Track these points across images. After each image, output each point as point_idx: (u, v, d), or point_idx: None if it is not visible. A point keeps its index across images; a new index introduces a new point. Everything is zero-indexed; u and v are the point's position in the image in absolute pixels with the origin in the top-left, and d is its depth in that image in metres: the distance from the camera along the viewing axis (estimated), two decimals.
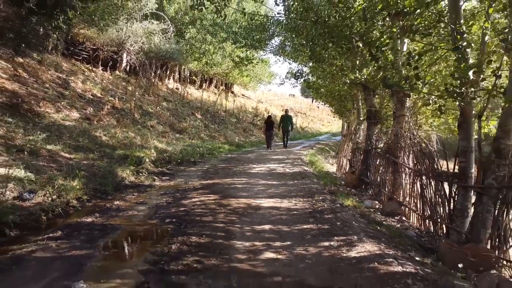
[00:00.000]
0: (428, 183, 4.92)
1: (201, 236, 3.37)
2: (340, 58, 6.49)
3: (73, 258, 2.81)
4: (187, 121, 15.68)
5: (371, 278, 2.58)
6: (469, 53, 4.20)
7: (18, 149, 5.64)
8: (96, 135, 8.81)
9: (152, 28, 16.15)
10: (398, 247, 3.47)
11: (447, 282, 2.63)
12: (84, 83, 12.59)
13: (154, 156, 8.33)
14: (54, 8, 5.87)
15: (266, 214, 4.36)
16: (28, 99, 8.76)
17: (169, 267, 2.66)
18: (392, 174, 5.94)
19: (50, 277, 2.44)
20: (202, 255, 2.92)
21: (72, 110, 9.90)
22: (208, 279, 2.48)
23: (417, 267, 2.85)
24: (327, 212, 4.45)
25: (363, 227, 3.96)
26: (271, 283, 2.50)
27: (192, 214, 4.22)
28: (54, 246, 3.05)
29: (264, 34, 13.25)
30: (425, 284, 2.48)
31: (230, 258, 2.90)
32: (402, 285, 2.46)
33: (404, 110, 5.57)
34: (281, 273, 2.67)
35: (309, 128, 29.46)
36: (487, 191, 3.95)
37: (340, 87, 8.94)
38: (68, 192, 4.69)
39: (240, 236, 3.49)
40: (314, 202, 4.99)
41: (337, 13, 5.57)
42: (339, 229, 3.77)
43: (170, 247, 3.06)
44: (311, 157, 10.59)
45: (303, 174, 7.53)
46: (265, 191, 5.75)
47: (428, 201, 4.95)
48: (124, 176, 6.38)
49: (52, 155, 6.16)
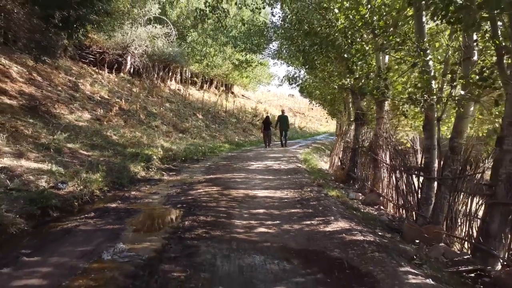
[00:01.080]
0: (401, 176, 5.77)
1: (207, 216, 4.22)
2: (330, 66, 7.31)
3: (109, 230, 3.66)
4: (189, 121, 16.53)
5: (337, 243, 3.43)
6: (431, 66, 5.05)
7: (45, 147, 6.49)
8: (107, 134, 9.65)
9: (156, 32, 16.97)
10: (367, 226, 4.32)
11: (395, 246, 3.48)
12: (92, 85, 13.44)
13: (161, 154, 9.18)
14: (75, 23, 6.71)
15: (261, 201, 5.21)
16: (45, 101, 9.61)
17: (184, 235, 3.50)
18: (373, 169, 6.79)
19: (97, 242, 3.28)
20: (209, 228, 3.77)
21: (83, 111, 10.75)
22: (215, 243, 3.33)
23: (376, 238, 3.70)
24: (313, 200, 5.30)
25: (341, 211, 4.81)
26: (262, 247, 3.34)
27: (198, 201, 5.07)
28: (92, 223, 3.90)
29: (262, 38, 14.07)
30: (377, 247, 3.33)
31: (231, 231, 3.74)
32: (360, 248, 3.31)
33: (382, 113, 6.41)
34: (270, 241, 3.51)
35: (307, 128, 30.29)
36: (444, 181, 4.80)
37: (331, 91, 9.78)
38: (92, 183, 5.52)
39: (239, 216, 4.34)
40: (302, 192, 5.85)
41: (324, 28, 6.41)
42: (320, 212, 4.62)
43: (183, 223, 3.91)
44: (305, 156, 11.44)
45: (297, 170, 8.38)
46: (261, 184, 6.60)
47: (401, 192, 5.80)
48: (136, 171, 7.22)
49: (73, 153, 7.02)
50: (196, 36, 19.32)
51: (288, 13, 8.46)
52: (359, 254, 3.16)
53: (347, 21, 5.33)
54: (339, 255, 3.15)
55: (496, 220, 3.74)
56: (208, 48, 19.63)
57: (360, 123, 8.09)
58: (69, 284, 2.43)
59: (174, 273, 2.63)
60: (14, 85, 9.56)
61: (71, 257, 2.88)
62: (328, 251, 3.24)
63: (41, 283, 2.42)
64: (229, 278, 2.63)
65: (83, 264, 2.75)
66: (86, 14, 6.82)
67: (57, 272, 2.60)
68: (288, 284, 2.59)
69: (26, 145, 6.23)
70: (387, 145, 6.16)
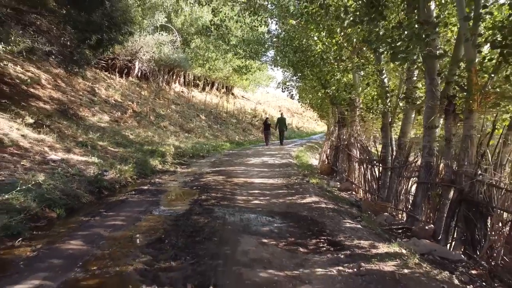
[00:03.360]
0: (367, 167, 7.48)
1: (217, 193, 5.93)
2: (313, 78, 8.99)
3: (150, 200, 5.36)
4: (193, 122, 18.24)
5: (307, 208, 5.14)
6: (386, 82, 6.75)
7: (84, 144, 8.18)
8: (126, 134, 11.35)
9: (162, 39, 18.67)
10: (333, 201, 6.02)
11: (346, 211, 5.19)
12: (107, 89, 15.16)
13: (173, 151, 10.88)
14: (107, 44, 8.41)
15: (256, 186, 6.91)
16: (71, 105, 11.32)
17: (202, 203, 5.21)
18: (348, 163, 8.50)
19: (145, 206, 4.98)
20: (219, 200, 5.47)
21: (103, 114, 12.46)
22: (224, 208, 5.03)
23: (335, 206, 5.41)
24: (296, 185, 7.01)
25: (316, 192, 6.51)
26: (255, 210, 5.04)
27: (209, 185, 6.77)
28: (136, 197, 5.60)
29: (260, 47, 15.75)
30: (333, 211, 5.03)
31: (234, 202, 5.44)
32: (321, 210, 5.01)
33: (354, 118, 8.11)
34: (261, 207, 5.21)
35: (304, 127, 31.98)
36: (394, 170, 6.51)
37: (319, 96, 11.47)
38: (125, 172, 7.21)
39: (240, 194, 6.04)
40: (290, 180, 7.55)
41: (306, 50, 8.11)
42: (300, 192, 6.33)
43: (200, 197, 5.62)
44: (298, 153, 13.14)
45: (288, 164, 10.09)
46: (257, 174, 8.30)
47: (367, 179, 7.51)
48: (155, 165, 8.91)
49: (104, 149, 8.72)
50: (199, 42, 21.01)
51: (281, 32, 10.15)
52: (319, 214, 4.87)
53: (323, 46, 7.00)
54: (306, 214, 4.86)
55: (419, 194, 5.45)
56: (210, 53, 21.31)
57: (341, 125, 9.79)
58: (140, 223, 4.13)
59: (200, 219, 4.33)
60: (45, 91, 11.28)
61: (133, 213, 4.58)
62: (299, 212, 4.95)
63: (123, 223, 4.11)
64: (234, 223, 4.32)
65: (143, 216, 4.45)
66: (115, 36, 8.52)
67: (129, 219, 4.30)
68: (270, 227, 4.28)
69: (69, 142, 7.93)
70: (357, 143, 7.87)
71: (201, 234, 3.76)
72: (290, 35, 9.65)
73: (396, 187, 6.39)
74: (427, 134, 5.37)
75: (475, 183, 4.21)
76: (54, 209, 4.43)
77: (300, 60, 8.77)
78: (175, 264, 2.91)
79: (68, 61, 9.42)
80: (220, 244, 3.50)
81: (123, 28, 8.69)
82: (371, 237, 3.95)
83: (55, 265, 2.88)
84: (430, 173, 5.22)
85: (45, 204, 4.37)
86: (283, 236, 3.90)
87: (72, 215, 4.50)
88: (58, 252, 3.17)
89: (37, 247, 3.26)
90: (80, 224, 4.08)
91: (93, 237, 3.58)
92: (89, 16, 8.09)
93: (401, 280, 2.81)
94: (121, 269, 2.83)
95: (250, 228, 4.14)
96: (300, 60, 8.75)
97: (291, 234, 3.97)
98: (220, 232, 3.88)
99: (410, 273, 2.94)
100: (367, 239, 3.85)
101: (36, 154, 6.47)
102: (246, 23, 10.60)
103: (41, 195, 4.48)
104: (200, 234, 3.76)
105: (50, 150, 7.05)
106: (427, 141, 5.36)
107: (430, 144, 5.30)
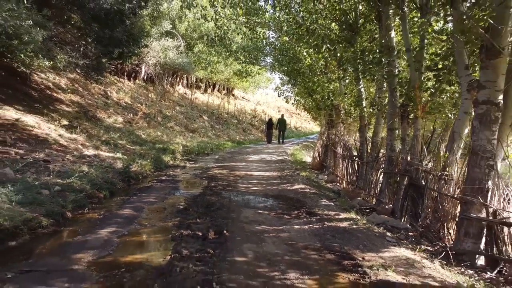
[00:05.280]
0: (348, 162, 8.99)
1: (223, 182, 7.44)
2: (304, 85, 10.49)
3: (171, 186, 6.86)
4: (197, 122, 19.74)
5: (294, 192, 6.65)
6: (363, 92, 8.26)
7: (107, 143, 9.69)
8: (139, 134, 12.85)
9: (167, 45, 20.16)
10: (316, 188, 7.52)
11: (325, 194, 6.70)
12: (118, 93, 16.66)
13: (181, 149, 12.38)
14: (127, 55, 9.91)
15: (255, 177, 8.42)
16: (90, 108, 12.82)
17: (212, 188, 6.71)
18: (334, 159, 10.01)
19: (168, 190, 6.48)
20: (225, 186, 6.98)
21: (117, 115, 13.96)
22: (229, 192, 6.53)
23: (317, 191, 6.92)
24: (288, 176, 8.52)
25: (304, 181, 8.01)
26: (254, 193, 6.54)
27: (215, 176, 8.27)
28: (159, 184, 7.10)
29: (259, 53, 17.24)
30: (314, 194, 6.53)
31: (237, 188, 6.95)
32: (304, 193, 6.52)
33: (339, 120, 9.62)
34: (258, 192, 6.72)
35: (302, 127, 33.49)
36: (368, 164, 8.01)
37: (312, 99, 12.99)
38: (144, 166, 8.71)
39: (241, 183, 7.54)
40: (283, 173, 9.07)
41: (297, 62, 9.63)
42: (290, 182, 7.83)
43: (210, 184, 7.12)
44: (293, 151, 14.65)
45: (283, 161, 11.60)
46: (256, 169, 9.81)
47: (348, 172, 9.01)
48: (167, 160, 10.41)
49: (123, 146, 10.21)
50: (202, 47, 22.51)
51: (277, 44, 11.67)
52: (303, 196, 6.38)
53: (311, 60, 8.49)
54: (293, 196, 6.36)
55: (384, 182, 6.96)
56: (212, 57, 22.81)
57: (330, 126, 11.30)
58: (167, 200, 5.63)
59: (212, 198, 5.83)
60: (66, 96, 12.78)
61: (160, 194, 6.08)
62: (288, 195, 6.45)
63: (155, 200, 5.62)
64: (237, 201, 5.82)
65: (168, 196, 5.96)
66: (134, 49, 10.03)
67: (158, 198, 5.80)
68: (265, 204, 5.78)
69: (96, 141, 9.43)
70: (340, 142, 9.37)
71: (214, 206, 5.26)
72: (285, 46, 11.16)
73: (369, 177, 7.90)
74: (389, 134, 6.89)
75: (418, 171, 5.71)
76: (101, 191, 5.93)
77: (293, 69, 10.28)
78: (199, 221, 4.42)
79: (91, 69, 10.92)
80: (228, 212, 5.01)
81: (140, 42, 10.20)
82: (338, 210, 5.46)
83: (119, 222, 4.38)
84: (391, 164, 6.72)
85: (95, 188, 5.88)
86: (274, 209, 5.41)
87: (114, 196, 6.01)
88: (117, 215, 4.68)
89: (101, 213, 4.76)
90: (124, 201, 5.59)
91: (137, 208, 5.09)
92: (112, 32, 9.60)
93: (349, 231, 4.31)
94: (164, 223, 4.34)
95: (250, 204, 5.64)
96: (293, 69, 10.25)
97: (280, 208, 5.48)
98: (227, 206, 5.38)
99: (356, 228, 4.45)
100: (335, 211, 5.36)
101: (74, 150, 7.98)
102: (246, 35, 12.11)
103: (91, 180, 5.99)
104: (213, 206, 5.26)
105: (83, 147, 8.56)
106: (389, 140, 6.87)
107: (391, 142, 6.81)
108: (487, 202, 4.08)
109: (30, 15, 7.08)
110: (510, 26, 3.92)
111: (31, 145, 7.48)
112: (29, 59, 7.70)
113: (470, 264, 4.04)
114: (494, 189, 4.15)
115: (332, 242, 3.83)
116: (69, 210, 4.75)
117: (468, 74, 4.82)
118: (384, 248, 3.75)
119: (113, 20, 9.43)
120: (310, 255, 3.44)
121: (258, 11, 9.58)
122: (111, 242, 3.60)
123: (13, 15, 6.70)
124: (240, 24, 11.15)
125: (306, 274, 2.97)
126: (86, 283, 2.67)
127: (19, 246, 3.48)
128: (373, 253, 3.54)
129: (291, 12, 8.17)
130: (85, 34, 9.93)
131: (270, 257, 3.30)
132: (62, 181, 5.59)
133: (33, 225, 3.96)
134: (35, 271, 2.85)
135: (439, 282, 2.96)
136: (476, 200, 4.11)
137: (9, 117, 8.15)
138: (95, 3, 9.05)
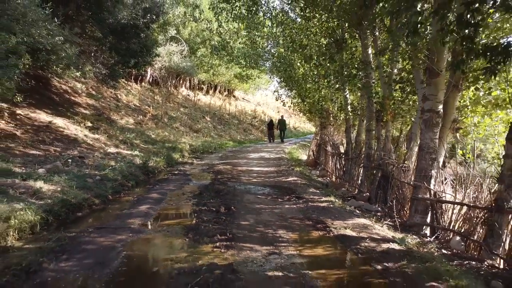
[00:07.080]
0: (336, 159, 10.41)
1: (227, 175, 8.86)
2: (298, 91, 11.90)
3: (184, 178, 8.28)
4: (200, 123, 21.16)
5: (287, 183, 8.08)
6: (348, 98, 9.67)
7: (124, 142, 11.11)
8: (149, 134, 14.27)
9: (172, 49, 21.57)
10: (307, 180, 8.93)
11: (314, 184, 8.12)
12: (127, 95, 18.07)
13: (188, 148, 13.80)
14: (141, 64, 11.33)
15: (255, 171, 9.84)
16: (104, 110, 14.23)
17: (219, 180, 8.13)
18: (325, 156, 11.43)
19: (182, 181, 7.90)
20: (229, 178, 8.40)
21: (128, 117, 15.37)
22: (233, 182, 7.95)
23: (307, 182, 8.34)
24: (284, 171, 9.94)
25: (298, 175, 9.43)
26: (254, 183, 7.96)
27: (221, 171, 9.69)
28: (174, 177, 8.52)
29: (259, 58, 18.63)
30: (304, 184, 7.95)
31: (239, 180, 8.36)
32: (296, 184, 7.94)
33: (329, 121, 11.02)
34: (258, 182, 8.14)
35: (301, 128, 34.90)
36: (352, 160, 9.44)
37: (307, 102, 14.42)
38: (159, 162, 10.13)
39: (243, 176, 8.97)
40: (279, 168, 10.49)
41: (293, 70, 11.04)
42: (285, 175, 9.25)
43: (216, 177, 8.55)
44: (290, 150, 16.08)
45: (280, 158, 13.03)
46: (256, 165, 11.23)
47: (337, 168, 10.43)
48: (177, 158, 11.84)
49: (138, 145, 11.63)
50: (205, 51, 23.94)
51: (275, 52, 13.09)
52: (294, 185, 7.80)
53: (304, 70, 9.89)
54: (286, 186, 7.78)
55: (363, 175, 8.37)
56: (214, 60, 24.23)
57: (323, 127, 12.72)
58: (184, 188, 7.05)
59: (220, 187, 7.25)
60: (82, 99, 14.19)
61: (177, 184, 7.50)
62: (282, 185, 7.87)
63: (174, 188, 7.04)
64: (241, 189, 7.24)
65: (184, 185, 7.38)
66: (147, 59, 11.45)
67: (176, 186, 7.22)
68: (263, 191, 7.19)
69: (115, 140, 10.85)
70: (330, 141, 10.79)
71: (222, 192, 6.69)
72: (282, 55, 12.57)
73: (353, 172, 9.32)
74: (367, 134, 8.31)
75: (387, 165, 7.13)
76: (129, 181, 7.35)
77: (289, 76, 11.70)
78: (212, 201, 5.84)
79: (108, 77, 12.35)
80: (234, 196, 6.43)
81: (153, 52, 11.61)
82: (321, 196, 6.88)
83: (150, 202, 5.80)
84: (369, 160, 8.14)
85: (125, 179, 7.29)
86: (270, 195, 6.83)
87: (139, 185, 7.43)
88: (148, 198, 6.10)
89: (135, 197, 6.19)
90: (149, 189, 7.01)
91: (162, 193, 6.51)
92: (128, 44, 11.03)
93: (327, 208, 5.73)
94: (185, 203, 5.77)
95: (250, 191, 7.06)
96: (289, 76, 11.67)
97: (275, 194, 6.90)
98: (233, 192, 6.80)
99: (333, 207, 5.87)
100: (319, 196, 6.78)
101: (99, 148, 9.41)
102: (247, 45, 13.52)
103: (121, 172, 7.41)
104: (221, 192, 6.68)
105: (105, 146, 9.98)
106: (368, 139, 8.29)
107: (369, 141, 8.23)
108: (430, 186, 5.50)
109: (61, 32, 8.46)
110: (445, 54, 5.34)
111: (65, 144, 8.91)
112: (61, 70, 9.11)
113: (417, 232, 5.46)
114: (436, 176, 5.57)
115: (311, 215, 5.25)
116: (110, 194, 6.18)
117: (423, 87, 6.23)
118: (349, 219, 5.17)
119: (129, 33, 10.86)
120: (294, 221, 4.86)
121: (257, 25, 10.99)
122: (150, 214, 5.03)
123: (48, 33, 8.06)
124: (242, 36, 12.56)
125: (290, 231, 4.38)
126: (144, 233, 4.10)
127: (85, 215, 4.92)
128: (340, 221, 4.96)
129: (287, 27, 9.59)
130: (103, 45, 11.34)
131: (266, 222, 4.72)
132: (99, 173, 7.02)
133: (89, 203, 5.39)
134: (107, 227, 4.27)
135: (381, 236, 4.38)
136: (422, 184, 5.52)
137: (43, 120, 9.59)
138: (114, 18, 10.48)
